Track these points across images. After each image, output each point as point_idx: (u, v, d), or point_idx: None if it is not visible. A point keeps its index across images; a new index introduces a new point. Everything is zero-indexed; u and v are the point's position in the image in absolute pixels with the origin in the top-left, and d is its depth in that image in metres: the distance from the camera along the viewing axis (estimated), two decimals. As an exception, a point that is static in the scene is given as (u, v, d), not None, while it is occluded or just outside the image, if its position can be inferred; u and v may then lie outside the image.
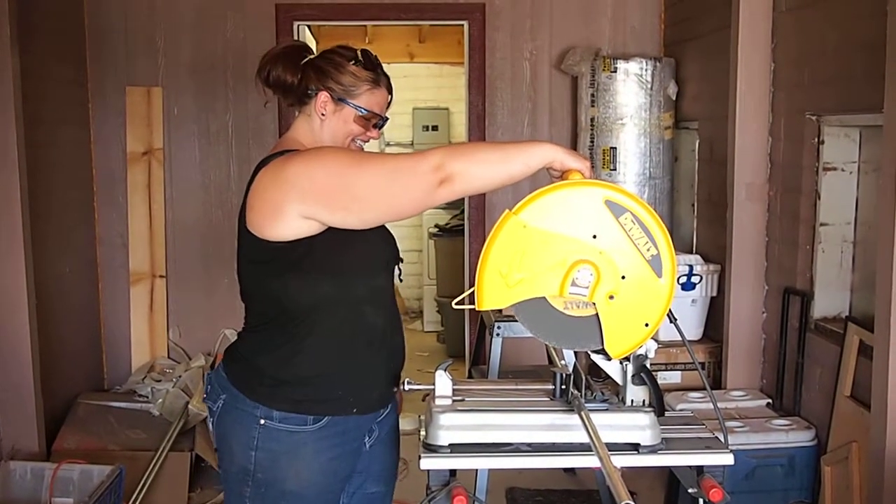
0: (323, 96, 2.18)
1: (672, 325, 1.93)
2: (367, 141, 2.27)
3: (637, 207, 1.80)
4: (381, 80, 2.22)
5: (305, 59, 2.21)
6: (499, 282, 1.82)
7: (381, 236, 2.23)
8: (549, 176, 1.94)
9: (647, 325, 1.83)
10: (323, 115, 2.19)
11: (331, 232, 2.01)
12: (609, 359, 1.91)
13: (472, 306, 1.84)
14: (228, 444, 2.18)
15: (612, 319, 1.83)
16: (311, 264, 2.05)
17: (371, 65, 2.21)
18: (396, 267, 2.32)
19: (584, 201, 1.81)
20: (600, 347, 1.87)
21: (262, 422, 2.10)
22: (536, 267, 1.81)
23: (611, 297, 1.82)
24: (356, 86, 2.18)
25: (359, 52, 2.21)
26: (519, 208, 1.81)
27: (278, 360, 2.12)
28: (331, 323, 2.11)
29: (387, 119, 2.28)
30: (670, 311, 1.85)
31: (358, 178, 1.96)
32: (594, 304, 1.83)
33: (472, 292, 1.84)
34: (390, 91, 2.27)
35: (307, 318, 2.10)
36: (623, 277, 1.81)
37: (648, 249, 1.81)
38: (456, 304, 1.91)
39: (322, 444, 2.13)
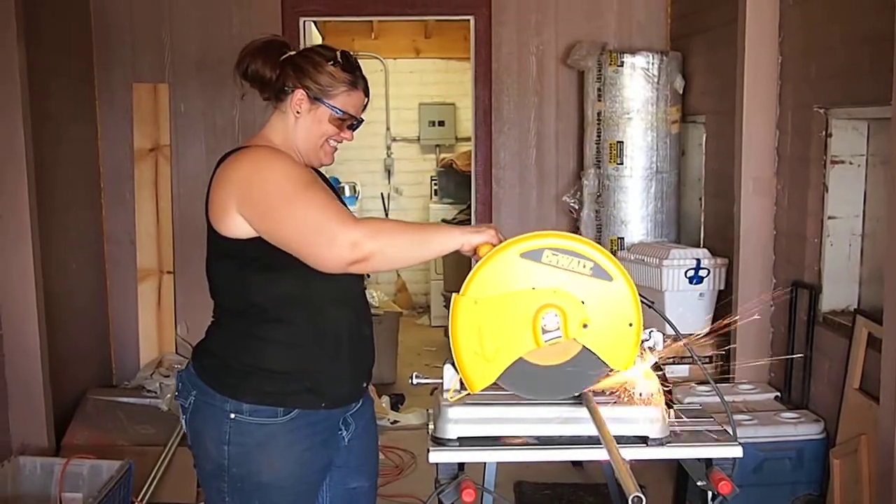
0: (299, 94, 2.18)
1: (651, 309, 1.96)
2: (341, 142, 2.26)
3: (547, 241, 1.86)
4: (358, 82, 2.22)
5: (285, 56, 2.21)
6: (478, 361, 1.88)
7: None
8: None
9: (630, 325, 1.86)
10: (298, 112, 2.19)
11: None
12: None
13: (467, 392, 1.92)
14: (202, 440, 2.19)
15: (599, 341, 1.88)
16: (269, 262, 2.07)
17: (350, 66, 2.21)
18: None
19: (506, 265, 1.87)
20: (599, 377, 1.91)
21: (233, 416, 2.12)
22: (504, 331, 1.87)
23: (585, 326, 1.86)
24: (333, 86, 2.18)
25: (338, 53, 2.22)
26: (464, 290, 1.88)
27: (245, 354, 2.15)
28: (295, 319, 2.13)
29: (361, 121, 2.27)
30: (643, 298, 1.89)
31: (284, 216, 2.01)
32: (574, 340, 1.87)
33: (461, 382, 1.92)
34: (367, 94, 2.27)
35: (271, 313, 2.13)
36: (583, 302, 1.85)
37: (584, 266, 1.86)
38: (450, 398, 1.95)
39: (294, 435, 2.14)
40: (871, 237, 3.70)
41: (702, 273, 4.45)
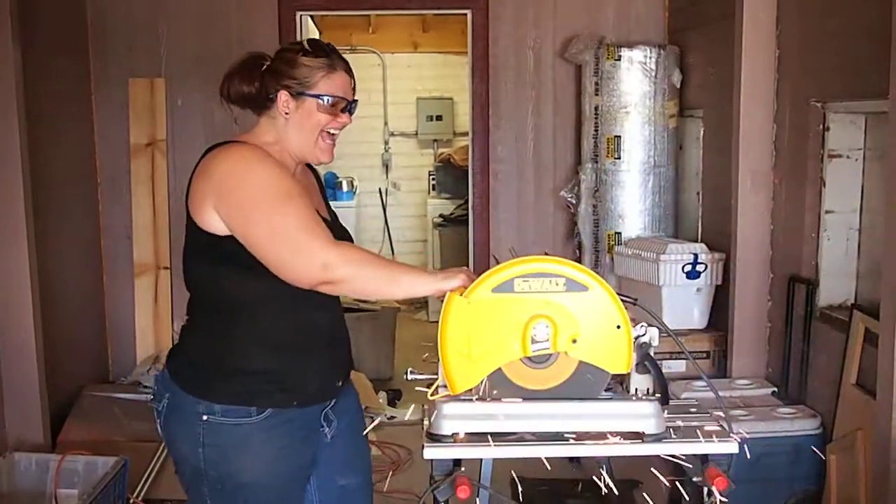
0: (283, 95, 2.17)
1: (636, 306, 1.97)
2: (340, 128, 2.23)
3: (514, 270, 1.86)
4: (335, 63, 2.19)
5: (263, 67, 2.19)
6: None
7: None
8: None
9: (618, 327, 1.86)
10: (286, 113, 2.18)
11: None
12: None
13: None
14: (177, 444, 2.18)
15: (592, 352, 1.88)
16: (244, 260, 2.04)
17: (322, 51, 2.19)
18: None
19: (484, 305, 1.86)
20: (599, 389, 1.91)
21: (205, 417, 2.10)
22: (494, 336, 1.86)
23: (574, 341, 1.86)
24: (310, 76, 2.16)
25: (305, 43, 2.21)
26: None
27: (215, 353, 2.14)
28: (265, 317, 2.13)
29: (355, 102, 2.25)
30: (624, 297, 1.89)
31: (259, 222, 2.01)
32: (566, 356, 1.88)
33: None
34: (350, 74, 2.24)
35: (242, 311, 2.12)
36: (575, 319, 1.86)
37: (556, 284, 1.86)
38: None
39: (269, 434, 2.13)
40: (868, 232, 3.69)
41: (699, 268, 4.45)
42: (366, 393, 5.29)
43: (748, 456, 1.94)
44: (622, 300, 1.88)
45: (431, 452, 1.89)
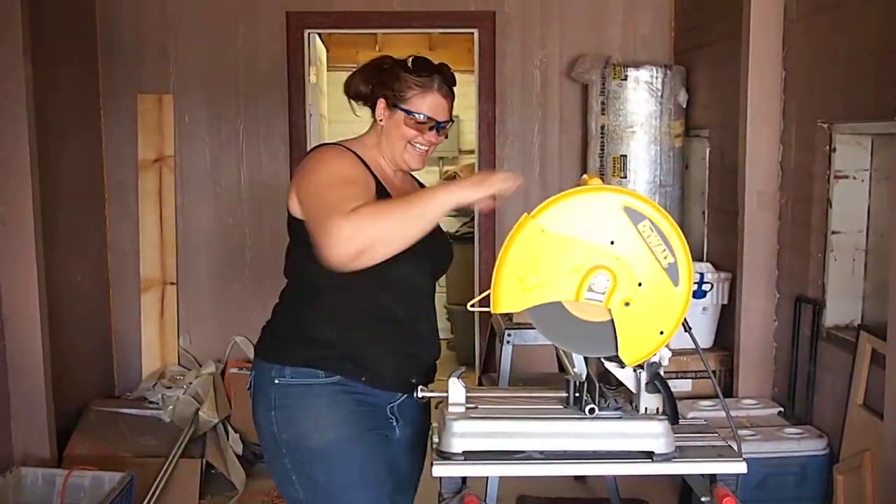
0: (381, 103, 2.33)
1: (686, 333, 1.93)
2: (427, 146, 2.35)
3: (656, 215, 1.81)
4: (432, 84, 2.32)
5: (378, 69, 2.35)
6: (515, 285, 1.83)
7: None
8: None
9: (661, 332, 1.84)
10: (381, 120, 2.34)
11: None
12: (623, 366, 1.91)
13: (487, 309, 1.85)
14: (257, 418, 2.29)
15: (627, 326, 1.84)
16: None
17: (423, 70, 2.32)
18: (434, 268, 2.41)
19: (603, 207, 1.82)
20: (614, 354, 1.87)
21: (277, 381, 2.22)
22: (553, 271, 1.82)
23: (626, 304, 1.83)
24: (405, 91, 2.30)
25: (409, 60, 2.34)
26: (537, 212, 1.81)
27: (291, 324, 2.27)
28: (339, 297, 2.23)
29: (444, 122, 2.36)
30: (685, 319, 1.86)
31: (310, 205, 2.13)
32: (609, 310, 1.83)
33: (488, 295, 1.85)
34: (446, 95, 2.35)
35: (319, 291, 2.24)
36: (640, 284, 1.82)
37: (666, 257, 1.82)
38: (471, 306, 1.91)
39: (334, 399, 2.22)
40: (874, 252, 3.69)
41: (705, 287, 4.45)
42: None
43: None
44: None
45: (440, 470, 1.89)
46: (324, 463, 2.22)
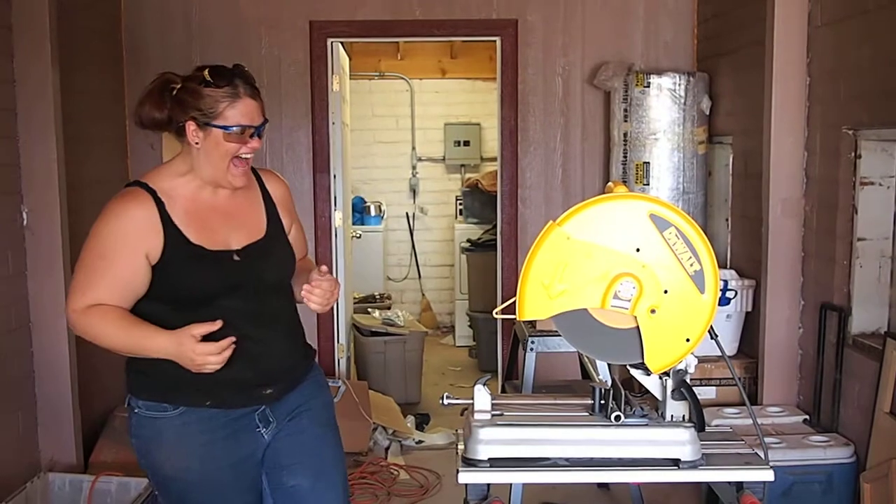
0: (190, 125, 2.21)
1: (713, 340, 1.93)
2: (250, 153, 2.26)
3: (682, 222, 1.82)
4: (238, 90, 2.20)
5: (173, 92, 2.23)
6: (541, 293, 1.84)
7: (232, 265, 2.26)
8: None
9: (688, 340, 1.84)
10: (196, 143, 2.22)
11: (164, 262, 2.21)
12: (649, 373, 1.91)
13: (513, 316, 1.86)
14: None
15: (653, 333, 1.84)
16: (153, 291, 2.22)
17: (223, 80, 2.20)
18: (263, 285, 2.32)
19: (629, 214, 1.83)
20: (640, 361, 1.88)
21: (136, 410, 2.27)
22: (579, 279, 1.84)
23: (652, 311, 1.83)
24: (214, 106, 2.19)
25: (206, 73, 2.20)
26: (563, 219, 1.82)
27: (137, 358, 2.28)
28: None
29: (263, 124, 2.26)
30: (711, 327, 1.86)
31: (75, 270, 2.29)
32: (635, 317, 1.83)
33: (513, 302, 1.85)
34: (255, 96, 2.24)
35: (164, 323, 2.20)
36: (665, 292, 1.83)
37: (692, 265, 1.82)
38: (497, 313, 1.92)
39: (183, 430, 2.23)
40: (901, 259, 3.67)
41: (729, 294, 4.43)
42: (394, 417, 5.30)
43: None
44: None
45: (466, 477, 1.90)
46: (177, 488, 2.29)
